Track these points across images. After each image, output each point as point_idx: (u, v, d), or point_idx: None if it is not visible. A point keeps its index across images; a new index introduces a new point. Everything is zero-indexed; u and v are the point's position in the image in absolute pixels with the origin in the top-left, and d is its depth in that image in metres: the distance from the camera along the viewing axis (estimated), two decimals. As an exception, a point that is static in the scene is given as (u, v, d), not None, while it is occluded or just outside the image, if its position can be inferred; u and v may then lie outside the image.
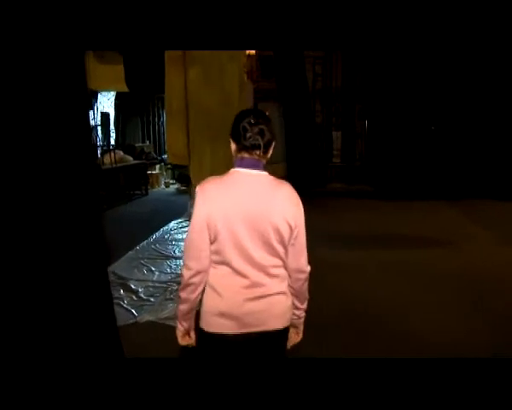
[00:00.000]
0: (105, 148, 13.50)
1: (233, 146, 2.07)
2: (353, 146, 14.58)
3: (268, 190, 2.02)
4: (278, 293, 2.07)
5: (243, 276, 1.99)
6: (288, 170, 13.39)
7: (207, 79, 6.67)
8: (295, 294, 2.16)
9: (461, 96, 11.21)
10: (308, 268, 2.14)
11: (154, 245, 7.43)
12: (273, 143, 2.06)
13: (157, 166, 15.31)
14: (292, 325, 2.22)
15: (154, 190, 14.22)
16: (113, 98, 15.05)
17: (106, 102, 14.84)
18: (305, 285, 2.18)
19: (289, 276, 2.11)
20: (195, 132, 6.61)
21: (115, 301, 4.99)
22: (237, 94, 8.13)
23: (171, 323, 4.15)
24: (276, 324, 2.08)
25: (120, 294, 5.27)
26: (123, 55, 7.17)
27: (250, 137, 1.98)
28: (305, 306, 2.25)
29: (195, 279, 2.01)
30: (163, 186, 14.83)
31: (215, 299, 2.02)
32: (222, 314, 2.01)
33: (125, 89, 7.25)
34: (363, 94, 13.60)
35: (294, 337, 2.31)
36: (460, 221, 8.96)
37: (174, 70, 6.23)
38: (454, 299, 5.05)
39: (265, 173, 2.05)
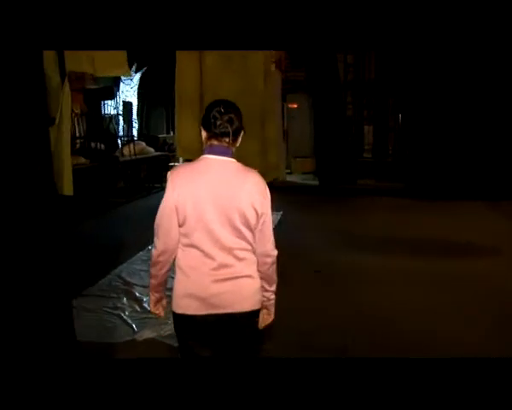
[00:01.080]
0: (126, 138, 13.23)
1: (203, 134, 2.18)
2: (385, 141, 13.91)
3: (236, 176, 2.12)
4: (245, 276, 2.14)
5: (211, 258, 2.08)
6: (317, 165, 13.09)
7: (228, 66, 6.10)
8: (263, 277, 2.24)
9: (504, 90, 10.32)
10: (274, 252, 2.24)
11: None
12: (241, 132, 2.18)
13: (180, 159, 14.82)
14: (263, 306, 2.30)
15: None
16: (137, 87, 14.62)
17: (128, 91, 14.44)
18: (272, 268, 2.26)
19: (257, 260, 2.19)
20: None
21: (115, 311, 4.53)
22: (262, 83, 7.55)
23: (172, 343, 3.58)
24: (244, 306, 2.15)
25: (123, 303, 4.74)
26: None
27: (220, 125, 2.09)
28: (273, 288, 2.33)
29: (162, 258, 2.16)
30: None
31: (183, 281, 2.12)
32: (189, 295, 2.10)
33: (127, 73, 6.73)
34: (397, 87, 12.85)
35: (266, 318, 2.37)
36: (504, 225, 8.10)
37: (187, 56, 5.65)
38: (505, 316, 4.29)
39: (233, 160, 2.14)
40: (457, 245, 6.84)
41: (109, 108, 14.10)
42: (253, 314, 2.21)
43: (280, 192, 10.71)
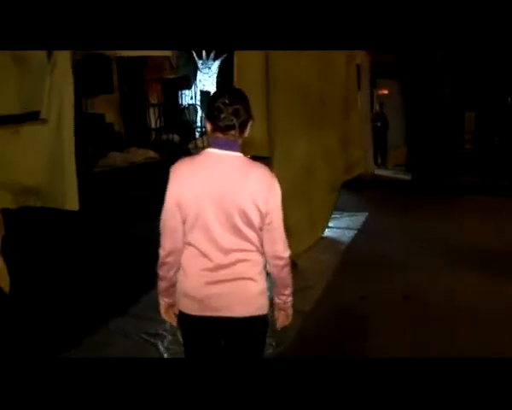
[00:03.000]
0: (203, 129, 12.83)
1: (208, 126, 2.05)
2: (490, 130, 12.20)
3: (239, 171, 1.99)
4: (246, 278, 2.03)
5: (208, 258, 2.00)
6: (409, 156, 11.87)
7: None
8: (276, 280, 2.16)
9: None
10: (285, 254, 2.10)
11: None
12: (249, 123, 2.04)
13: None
14: (280, 308, 2.21)
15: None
16: (215, 76, 14.02)
17: (206, 80, 13.87)
18: (285, 271, 2.12)
19: (267, 262, 2.11)
20: (280, 114, 5.04)
21: (154, 340, 3.77)
22: (343, 65, 6.45)
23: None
24: (241, 310, 2.04)
25: (165, 328, 3.93)
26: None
27: (224, 118, 1.96)
28: (288, 292, 2.19)
29: (169, 259, 2.10)
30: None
31: (182, 280, 2.09)
32: (186, 295, 2.06)
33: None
34: (504, 66, 11.13)
35: (283, 320, 2.26)
36: None
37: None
38: None
39: (239, 155, 2.02)
40: None
41: (187, 98, 13.70)
42: (256, 320, 2.07)
43: (366, 188, 9.64)
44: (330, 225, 6.85)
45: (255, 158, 6.42)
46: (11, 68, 2.82)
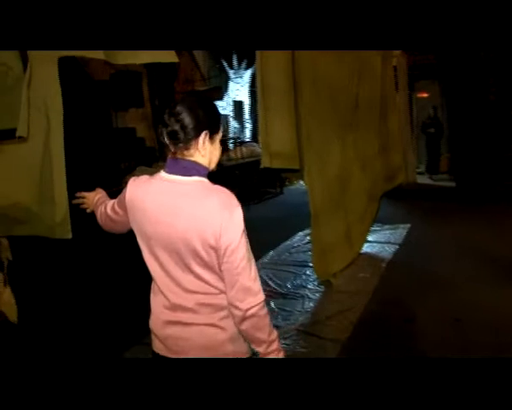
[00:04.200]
0: (236, 140, 12.57)
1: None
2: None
3: (190, 202, 1.63)
4: (206, 324, 1.70)
5: (165, 296, 1.73)
6: (453, 163, 11.23)
7: (332, 47, 4.67)
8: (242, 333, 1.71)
9: None
10: (245, 305, 1.62)
11: (261, 271, 5.67)
12: (204, 134, 1.64)
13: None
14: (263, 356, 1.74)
15: (291, 186, 12.60)
16: (248, 85, 13.73)
17: (239, 90, 13.59)
18: (245, 325, 1.65)
19: None
20: (310, 121, 4.61)
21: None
22: (378, 66, 6.01)
23: None
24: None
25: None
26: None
27: (170, 131, 1.62)
28: (262, 348, 1.69)
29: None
30: (302, 182, 13.09)
31: (150, 316, 1.83)
32: (153, 333, 1.83)
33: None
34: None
35: None
36: None
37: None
38: None
39: (193, 180, 1.65)
40: None
41: (219, 109, 13.49)
42: None
43: (408, 198, 9.06)
44: (369, 239, 6.36)
45: (284, 171, 6.06)
46: None
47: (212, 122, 1.66)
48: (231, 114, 13.51)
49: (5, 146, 2.57)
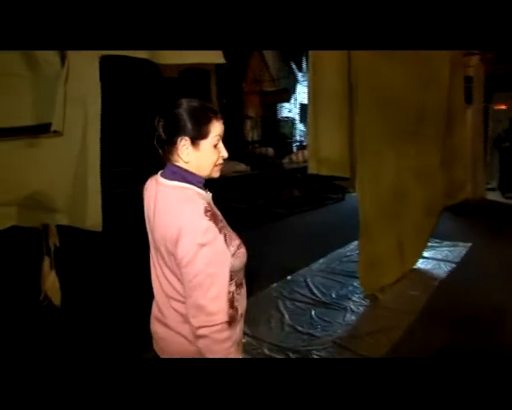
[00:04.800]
0: (300, 143, 12.52)
1: None
2: None
3: (164, 208, 1.63)
4: (178, 333, 1.68)
5: (155, 298, 1.78)
6: None
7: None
8: None
9: None
10: (196, 323, 1.53)
11: (308, 278, 5.57)
12: (180, 138, 1.61)
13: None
14: None
15: (354, 193, 12.31)
16: (316, 88, 13.59)
17: (306, 93, 13.48)
18: (199, 344, 1.56)
19: None
20: (366, 127, 4.44)
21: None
22: (446, 73, 5.70)
23: None
24: None
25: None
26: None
27: (156, 136, 1.66)
28: None
29: None
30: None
31: None
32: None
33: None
34: None
35: None
36: None
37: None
38: None
39: (173, 185, 1.64)
40: None
41: (286, 111, 13.47)
42: None
43: (473, 214, 8.56)
44: (425, 255, 6.06)
45: (333, 178, 5.85)
46: (23, 76, 2.60)
47: (193, 128, 1.61)
48: (297, 117, 13.43)
49: (44, 139, 2.66)
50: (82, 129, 2.65)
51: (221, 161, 1.71)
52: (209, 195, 1.72)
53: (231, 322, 1.63)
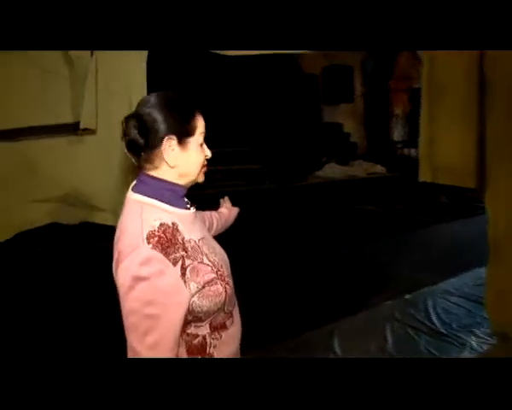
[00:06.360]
0: None
1: None
2: None
3: (118, 228, 1.38)
4: None
5: None
6: None
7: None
8: None
9: None
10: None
11: (429, 300, 4.90)
12: (166, 137, 1.32)
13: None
14: None
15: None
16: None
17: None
18: None
19: None
20: (506, 136, 3.66)
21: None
22: None
23: None
24: None
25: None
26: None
27: (128, 141, 1.36)
28: None
29: None
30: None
31: None
32: None
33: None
34: None
35: None
36: None
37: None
38: None
39: (133, 199, 1.36)
40: None
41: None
42: None
43: None
44: None
45: (455, 189, 5.09)
46: (59, 73, 2.52)
47: (179, 124, 1.33)
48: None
49: (86, 136, 2.59)
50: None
51: (205, 162, 1.43)
52: (187, 212, 1.40)
53: None
